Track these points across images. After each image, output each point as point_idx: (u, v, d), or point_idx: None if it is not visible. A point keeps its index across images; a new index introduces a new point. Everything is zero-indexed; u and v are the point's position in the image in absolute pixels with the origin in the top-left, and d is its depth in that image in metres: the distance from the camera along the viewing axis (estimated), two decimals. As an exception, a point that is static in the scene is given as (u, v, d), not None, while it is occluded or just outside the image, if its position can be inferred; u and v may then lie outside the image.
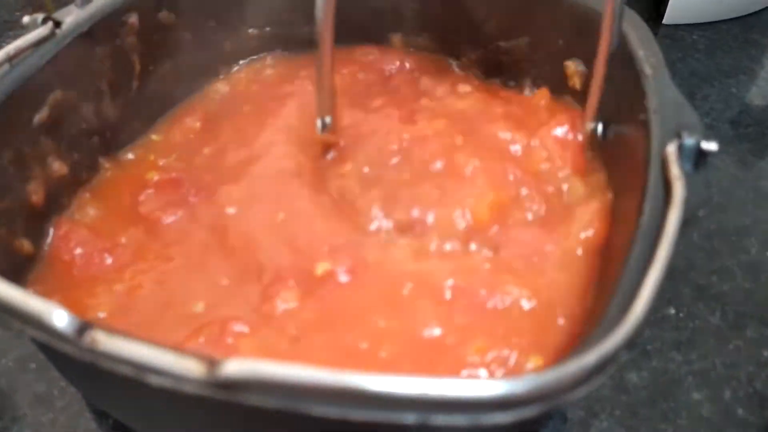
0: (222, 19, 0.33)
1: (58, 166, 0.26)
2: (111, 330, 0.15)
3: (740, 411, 0.26)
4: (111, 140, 0.29)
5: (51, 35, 0.25)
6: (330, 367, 0.13)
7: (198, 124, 0.31)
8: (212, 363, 0.14)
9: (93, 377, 0.21)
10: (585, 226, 0.24)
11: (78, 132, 0.27)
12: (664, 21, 0.48)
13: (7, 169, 0.24)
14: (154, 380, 0.14)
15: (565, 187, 0.27)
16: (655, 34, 0.47)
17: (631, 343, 0.15)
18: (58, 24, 0.26)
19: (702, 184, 0.19)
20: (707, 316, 0.29)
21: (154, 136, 0.31)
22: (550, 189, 0.27)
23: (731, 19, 0.49)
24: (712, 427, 0.25)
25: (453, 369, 0.20)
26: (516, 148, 0.28)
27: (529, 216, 0.26)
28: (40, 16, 0.25)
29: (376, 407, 0.14)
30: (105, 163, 0.29)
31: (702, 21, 0.48)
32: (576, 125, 0.28)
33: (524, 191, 0.26)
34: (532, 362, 0.20)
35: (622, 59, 0.25)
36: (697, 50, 0.46)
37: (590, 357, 0.14)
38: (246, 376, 0.14)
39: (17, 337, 0.28)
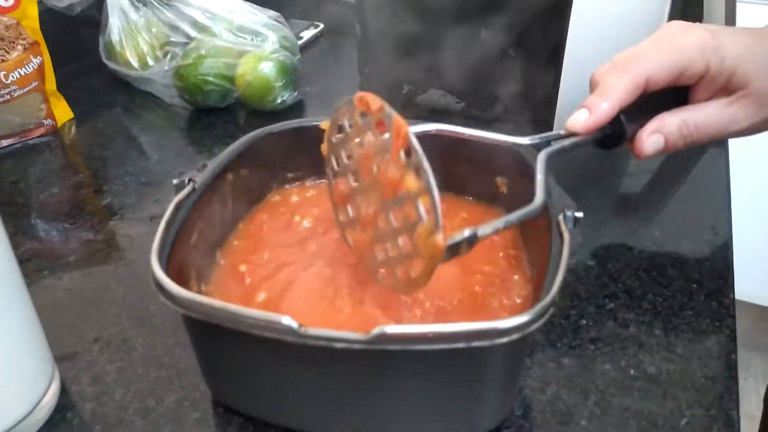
0: (272, 171, 0.51)
1: (201, 270, 0.42)
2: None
3: (631, 371, 0.43)
4: (218, 245, 0.45)
5: (193, 190, 0.42)
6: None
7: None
8: (366, 331, 0.30)
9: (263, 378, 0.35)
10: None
11: (205, 246, 0.43)
12: (553, 142, 0.69)
13: (182, 270, 0.39)
14: (338, 345, 0.30)
15: None
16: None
17: (547, 310, 0.32)
18: (195, 182, 0.42)
19: (578, 234, 0.37)
20: (606, 321, 0.47)
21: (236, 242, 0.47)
22: None
23: (597, 137, 0.71)
24: (614, 382, 0.42)
25: None
26: None
27: None
28: (186, 178, 0.42)
29: (445, 341, 0.30)
30: (221, 260, 0.44)
31: (578, 140, 0.70)
32: None
33: None
34: None
35: (527, 175, 0.44)
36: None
37: (526, 317, 0.31)
38: (384, 333, 0.30)
39: (169, 387, 0.42)
